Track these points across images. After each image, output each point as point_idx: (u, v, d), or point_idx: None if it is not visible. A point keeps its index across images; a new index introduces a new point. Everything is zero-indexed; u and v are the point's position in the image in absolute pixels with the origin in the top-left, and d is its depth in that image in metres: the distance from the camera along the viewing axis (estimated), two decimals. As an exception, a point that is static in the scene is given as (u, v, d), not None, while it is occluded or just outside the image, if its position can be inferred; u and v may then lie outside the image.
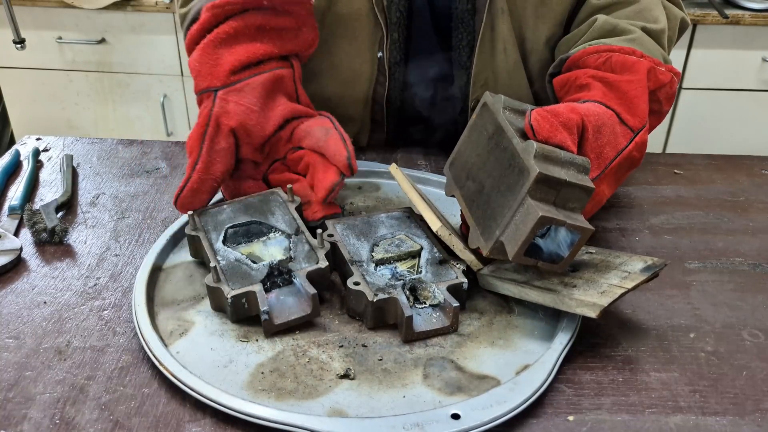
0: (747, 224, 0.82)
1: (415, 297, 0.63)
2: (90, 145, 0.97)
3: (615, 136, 0.67)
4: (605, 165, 0.66)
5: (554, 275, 0.63)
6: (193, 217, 0.70)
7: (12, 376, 0.57)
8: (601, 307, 0.57)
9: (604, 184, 0.68)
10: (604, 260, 0.65)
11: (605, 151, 0.66)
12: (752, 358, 0.61)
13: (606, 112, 0.68)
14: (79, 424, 0.53)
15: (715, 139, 2.12)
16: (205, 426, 0.53)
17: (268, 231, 0.69)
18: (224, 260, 0.65)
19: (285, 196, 0.73)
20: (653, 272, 0.61)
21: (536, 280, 0.63)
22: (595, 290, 0.59)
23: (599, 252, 0.67)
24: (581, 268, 0.64)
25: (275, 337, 0.61)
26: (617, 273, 0.62)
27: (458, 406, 0.53)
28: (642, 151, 0.70)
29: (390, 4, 0.87)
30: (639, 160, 0.71)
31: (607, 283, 0.60)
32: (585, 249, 0.67)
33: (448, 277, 0.64)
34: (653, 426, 0.54)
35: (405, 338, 0.61)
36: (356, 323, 0.63)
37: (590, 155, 0.65)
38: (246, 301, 0.62)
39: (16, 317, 0.64)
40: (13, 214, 0.79)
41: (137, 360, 0.59)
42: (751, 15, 1.92)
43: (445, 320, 0.62)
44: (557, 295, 0.60)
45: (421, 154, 0.95)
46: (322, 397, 0.55)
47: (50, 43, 2.06)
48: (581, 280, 0.62)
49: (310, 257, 0.65)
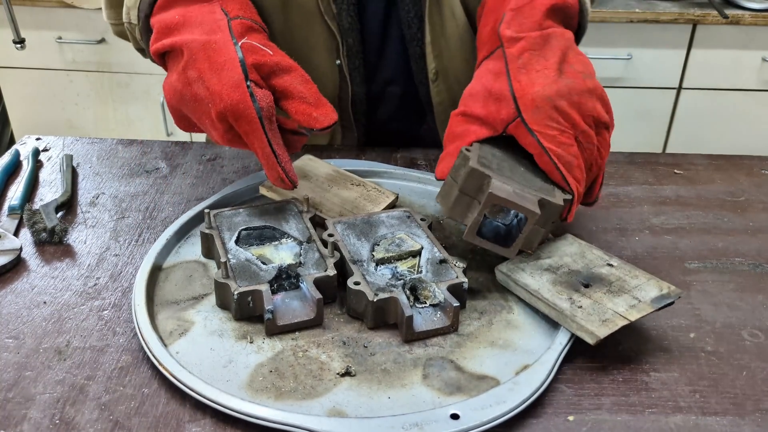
0: (747, 224, 0.82)
1: (415, 297, 0.63)
2: (90, 145, 0.96)
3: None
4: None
5: (564, 288, 0.63)
6: (209, 216, 0.71)
7: (12, 376, 0.57)
8: (598, 338, 0.57)
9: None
10: (620, 278, 0.64)
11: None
12: (752, 358, 0.61)
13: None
14: (79, 424, 0.53)
15: (715, 139, 2.12)
16: (205, 426, 0.53)
17: (281, 236, 0.70)
18: (235, 259, 0.66)
19: (301, 206, 0.74)
20: (665, 304, 0.60)
21: (546, 291, 0.62)
22: (598, 317, 0.59)
23: (620, 266, 0.65)
24: (595, 283, 0.63)
25: (275, 337, 0.61)
26: (627, 298, 0.61)
27: (457, 406, 0.53)
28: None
29: (340, 11, 0.87)
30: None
31: (613, 310, 0.60)
32: (607, 260, 0.66)
33: (448, 276, 0.65)
34: (653, 426, 0.54)
35: (405, 338, 0.61)
36: (356, 323, 0.63)
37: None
38: (252, 300, 0.62)
39: (15, 317, 0.64)
40: (12, 214, 0.79)
41: (137, 360, 0.59)
42: (751, 15, 1.92)
43: (445, 320, 0.62)
44: (561, 313, 0.60)
45: (420, 154, 0.95)
46: (321, 397, 0.55)
47: (50, 43, 2.06)
48: (589, 300, 0.61)
49: (318, 264, 0.66)
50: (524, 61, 0.68)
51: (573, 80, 0.67)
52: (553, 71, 0.67)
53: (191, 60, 0.68)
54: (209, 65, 0.67)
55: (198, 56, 0.68)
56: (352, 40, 0.90)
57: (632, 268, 0.65)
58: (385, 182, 0.86)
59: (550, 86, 0.66)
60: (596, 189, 0.71)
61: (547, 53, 0.68)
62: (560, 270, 0.65)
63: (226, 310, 0.64)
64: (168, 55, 0.73)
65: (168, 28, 0.72)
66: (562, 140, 0.65)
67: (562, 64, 0.68)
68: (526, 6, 0.72)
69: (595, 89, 0.67)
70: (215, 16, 0.71)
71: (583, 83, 0.67)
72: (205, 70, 0.67)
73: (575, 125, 0.65)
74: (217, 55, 0.68)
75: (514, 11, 0.72)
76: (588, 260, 0.66)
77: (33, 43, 2.00)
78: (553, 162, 0.65)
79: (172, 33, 0.72)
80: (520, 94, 0.66)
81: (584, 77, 0.67)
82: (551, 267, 0.66)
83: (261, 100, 0.66)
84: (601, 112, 0.67)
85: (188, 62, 0.69)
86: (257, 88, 0.67)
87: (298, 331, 0.62)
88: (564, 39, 0.70)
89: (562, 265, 0.66)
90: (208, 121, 0.69)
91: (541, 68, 0.67)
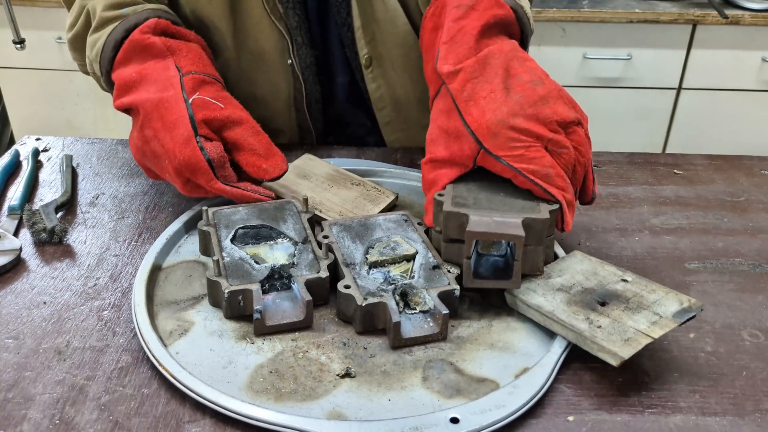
0: (747, 224, 0.82)
1: (405, 302, 0.63)
2: (90, 145, 0.96)
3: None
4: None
5: (580, 308, 0.60)
6: (206, 213, 0.71)
7: (12, 376, 0.57)
8: (623, 359, 0.55)
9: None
10: (637, 294, 0.61)
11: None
12: (752, 358, 0.61)
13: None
14: (79, 424, 0.53)
15: (715, 139, 2.12)
16: (204, 426, 0.53)
17: (277, 236, 0.70)
18: (229, 257, 0.66)
19: (300, 207, 0.74)
20: (687, 318, 0.58)
21: (561, 312, 0.60)
22: (619, 336, 0.57)
23: (635, 281, 0.63)
24: (612, 301, 0.61)
25: (275, 338, 0.61)
26: (648, 314, 0.59)
27: (457, 410, 0.53)
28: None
29: (287, 11, 0.88)
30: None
31: (634, 327, 0.57)
32: (621, 275, 0.64)
33: (440, 283, 0.64)
34: (653, 426, 0.54)
35: (392, 344, 0.60)
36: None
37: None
38: (242, 299, 0.62)
39: (15, 317, 0.64)
40: (12, 214, 0.79)
41: (137, 360, 0.59)
42: (751, 15, 1.92)
43: (434, 327, 0.61)
44: (580, 335, 0.58)
45: (420, 154, 0.95)
46: (321, 399, 0.55)
47: (50, 43, 2.06)
48: (608, 319, 0.59)
49: (312, 266, 0.66)
50: (469, 92, 0.67)
51: (522, 94, 0.65)
52: (500, 92, 0.66)
53: (146, 119, 0.72)
54: (162, 124, 0.71)
55: (152, 115, 0.72)
56: (301, 38, 0.90)
57: (648, 282, 0.62)
58: (385, 182, 0.86)
59: (500, 109, 0.65)
60: (590, 186, 0.70)
61: (489, 76, 0.67)
62: (573, 289, 0.63)
63: (219, 309, 0.64)
64: (130, 111, 0.76)
65: (126, 86, 0.76)
66: (531, 155, 0.64)
67: (508, 81, 0.67)
68: (457, 34, 0.71)
69: (548, 94, 0.65)
70: (168, 73, 0.74)
71: (533, 93, 0.65)
72: (159, 128, 0.71)
73: (539, 136, 0.64)
74: (168, 113, 0.71)
75: (447, 44, 0.71)
76: (601, 277, 0.64)
77: (33, 43, 2.00)
78: (530, 180, 0.64)
79: (130, 91, 0.75)
80: (475, 126, 0.65)
81: (533, 85, 0.66)
82: (563, 286, 0.63)
83: (211, 152, 0.70)
84: (564, 113, 0.65)
85: (144, 121, 0.73)
86: (207, 142, 0.71)
87: (288, 332, 0.62)
88: (503, 53, 0.69)
89: (574, 283, 0.64)
90: (168, 176, 0.73)
91: (487, 93, 0.66)
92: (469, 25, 0.71)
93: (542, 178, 0.64)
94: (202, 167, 0.70)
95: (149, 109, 0.72)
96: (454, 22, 0.71)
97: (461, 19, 0.71)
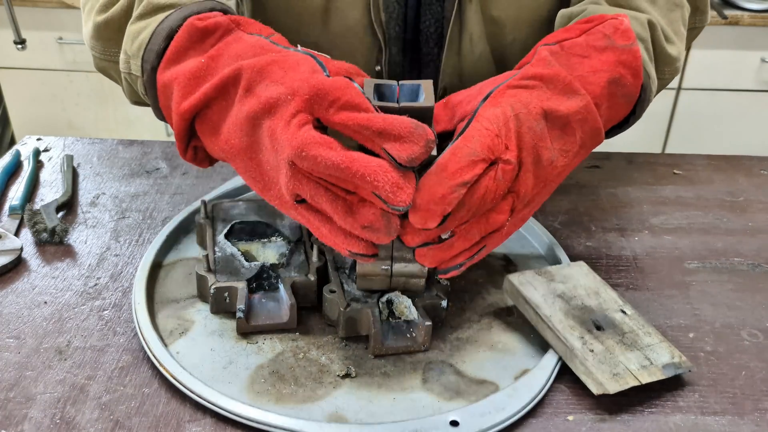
0: (746, 224, 0.82)
1: (390, 311, 0.62)
2: (90, 145, 0.97)
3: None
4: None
5: (576, 324, 0.60)
6: (204, 206, 0.71)
7: (12, 375, 0.58)
8: (606, 392, 0.54)
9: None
10: (633, 331, 0.60)
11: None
12: (751, 357, 0.62)
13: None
14: (80, 423, 0.53)
15: (715, 139, 2.12)
16: (205, 426, 0.53)
17: (272, 234, 0.70)
18: (220, 252, 0.66)
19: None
20: (674, 374, 0.57)
21: (558, 321, 0.60)
22: (609, 368, 0.56)
23: (633, 316, 0.61)
24: (608, 328, 0.60)
25: (275, 338, 0.61)
26: (639, 356, 0.58)
27: (457, 413, 0.53)
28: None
29: (389, 20, 0.85)
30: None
31: (624, 365, 0.56)
32: (621, 305, 0.63)
33: (428, 293, 0.63)
34: (653, 426, 0.54)
35: (372, 352, 0.60)
36: (356, 323, 0.63)
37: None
38: (228, 296, 0.62)
39: (16, 317, 0.64)
40: (13, 214, 0.79)
41: (137, 360, 0.59)
42: (750, 15, 1.92)
43: (416, 338, 0.60)
44: (571, 352, 0.57)
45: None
46: (321, 400, 0.55)
47: (51, 43, 2.06)
48: (602, 346, 0.58)
49: (302, 267, 0.65)
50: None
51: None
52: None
53: (255, 76, 0.55)
54: (282, 69, 0.55)
55: (264, 69, 0.55)
56: (396, 49, 0.89)
57: (645, 322, 0.61)
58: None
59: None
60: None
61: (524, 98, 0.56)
62: (573, 301, 0.62)
63: (207, 303, 0.64)
64: (201, 115, 0.58)
65: (195, 78, 0.58)
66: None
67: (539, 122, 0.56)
68: (586, 73, 0.60)
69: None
70: (252, 40, 0.59)
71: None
72: (278, 74, 0.55)
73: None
74: (284, 60, 0.55)
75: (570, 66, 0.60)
76: (602, 299, 0.63)
77: (33, 43, 2.00)
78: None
79: (205, 79, 0.58)
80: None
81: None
82: (564, 294, 0.63)
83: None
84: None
85: (251, 82, 0.55)
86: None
87: (296, 328, 0.62)
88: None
89: (575, 296, 0.63)
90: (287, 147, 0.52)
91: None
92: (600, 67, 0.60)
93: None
94: (351, 87, 0.52)
95: (250, 67, 0.55)
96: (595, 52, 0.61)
97: (600, 53, 0.61)
